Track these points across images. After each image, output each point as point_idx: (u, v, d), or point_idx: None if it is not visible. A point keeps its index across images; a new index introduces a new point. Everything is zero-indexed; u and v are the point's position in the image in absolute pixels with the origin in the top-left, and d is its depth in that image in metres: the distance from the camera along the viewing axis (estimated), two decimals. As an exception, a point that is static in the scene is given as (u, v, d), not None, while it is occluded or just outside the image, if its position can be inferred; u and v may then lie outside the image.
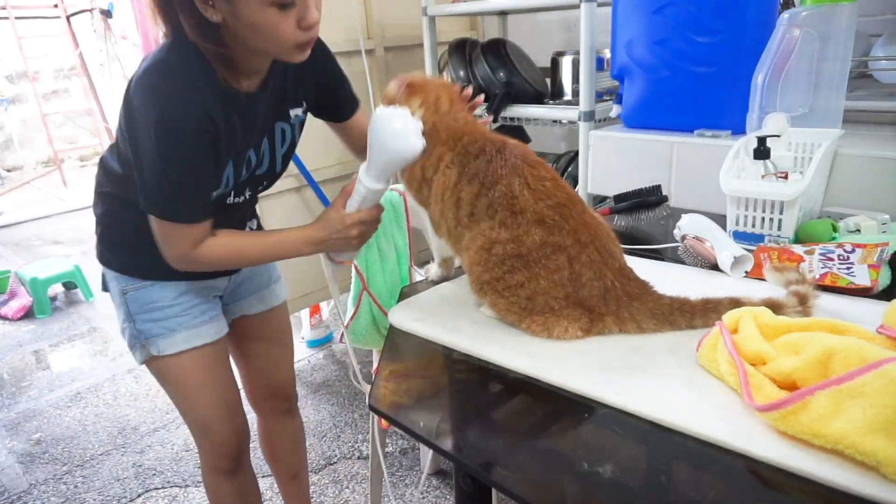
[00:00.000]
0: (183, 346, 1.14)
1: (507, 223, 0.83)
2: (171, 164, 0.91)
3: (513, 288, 0.82)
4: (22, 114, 6.47)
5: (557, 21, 2.52)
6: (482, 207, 0.86)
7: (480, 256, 0.85)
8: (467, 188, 0.87)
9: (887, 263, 0.91)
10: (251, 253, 1.06)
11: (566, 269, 0.81)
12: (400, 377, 0.80)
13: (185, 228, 0.96)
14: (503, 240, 0.83)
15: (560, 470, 0.61)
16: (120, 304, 1.14)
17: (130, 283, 1.12)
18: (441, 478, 1.86)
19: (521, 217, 0.83)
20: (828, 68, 1.22)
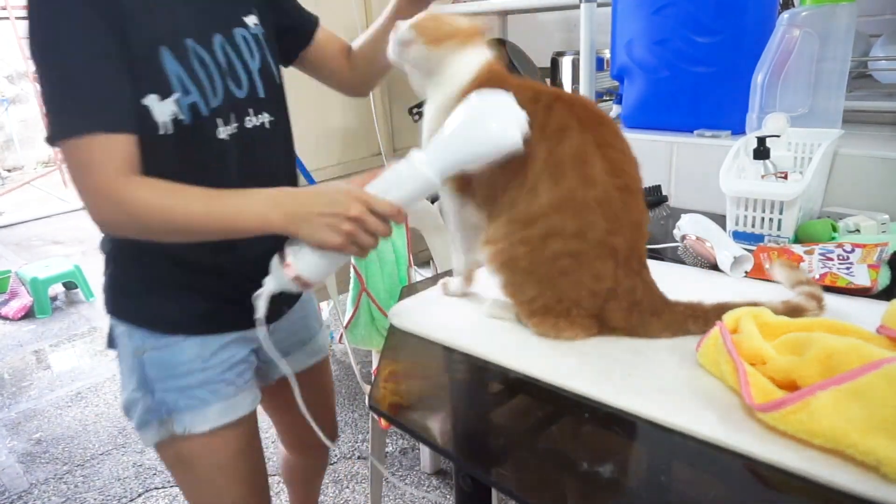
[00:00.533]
0: (216, 421, 0.89)
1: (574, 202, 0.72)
2: (54, 51, 0.70)
3: (550, 287, 0.76)
4: (22, 114, 6.48)
5: (557, 21, 2.52)
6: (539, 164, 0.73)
7: (533, 242, 0.74)
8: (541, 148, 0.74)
9: (887, 263, 0.91)
10: (193, 205, 0.75)
11: (610, 279, 0.74)
12: (400, 377, 0.80)
13: (93, 144, 0.71)
14: (568, 234, 0.72)
15: (560, 470, 0.61)
16: (132, 369, 0.88)
17: (150, 340, 0.87)
18: (441, 478, 1.86)
19: (590, 191, 0.71)
20: (827, 68, 1.22)
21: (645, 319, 0.77)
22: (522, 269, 0.77)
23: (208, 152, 0.82)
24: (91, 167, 0.72)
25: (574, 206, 0.72)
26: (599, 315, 0.78)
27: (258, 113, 0.88)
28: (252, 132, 0.87)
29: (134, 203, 0.73)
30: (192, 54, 0.79)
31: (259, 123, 0.88)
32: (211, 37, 0.82)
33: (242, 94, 0.86)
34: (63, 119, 0.72)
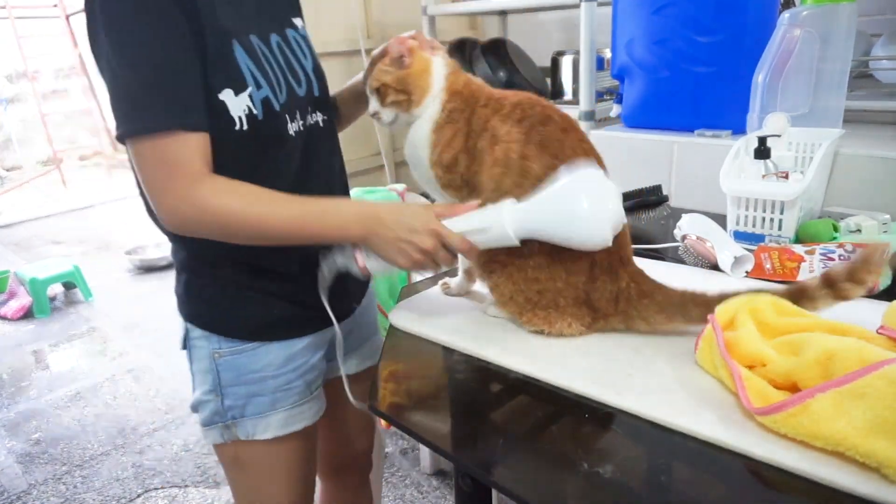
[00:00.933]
0: (279, 430, 0.90)
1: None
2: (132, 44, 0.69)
3: (529, 281, 0.81)
4: (21, 113, 6.48)
5: (557, 21, 2.52)
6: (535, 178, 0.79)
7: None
8: (537, 160, 0.79)
9: (887, 263, 0.91)
10: (278, 210, 0.75)
11: (585, 273, 0.80)
12: (400, 377, 0.80)
13: (173, 143, 0.70)
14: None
15: (560, 470, 0.60)
16: (206, 371, 0.88)
17: (226, 345, 0.87)
18: (441, 478, 1.86)
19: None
20: (828, 68, 1.22)
21: (634, 303, 0.80)
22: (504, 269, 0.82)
23: (279, 148, 0.82)
24: (173, 167, 0.71)
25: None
26: (587, 302, 0.81)
27: (314, 111, 0.90)
28: (311, 130, 0.88)
29: (216, 206, 0.72)
30: (258, 50, 0.80)
31: (315, 122, 0.90)
32: (269, 35, 0.83)
33: (302, 91, 0.87)
34: (142, 115, 0.70)
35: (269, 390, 0.88)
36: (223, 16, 0.75)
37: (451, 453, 0.66)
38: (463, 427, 0.71)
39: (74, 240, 4.60)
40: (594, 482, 0.58)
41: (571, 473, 0.60)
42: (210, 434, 0.91)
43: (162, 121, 0.70)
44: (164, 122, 0.70)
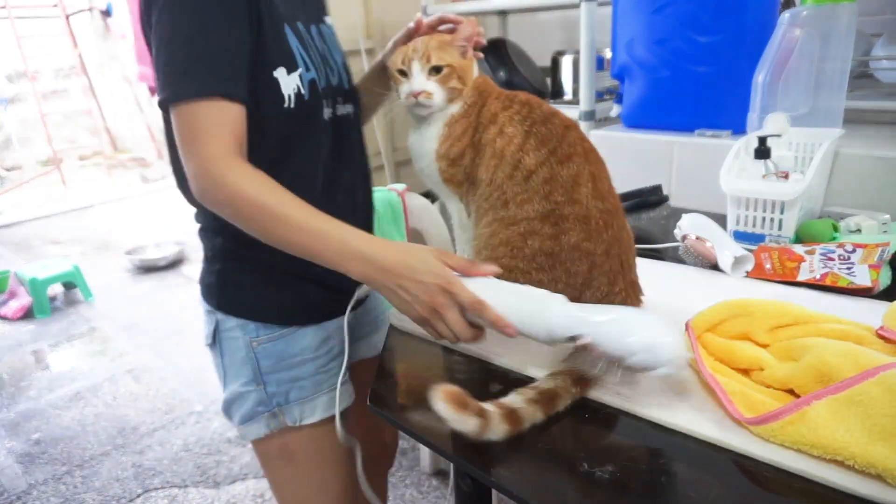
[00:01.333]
0: (325, 412, 0.90)
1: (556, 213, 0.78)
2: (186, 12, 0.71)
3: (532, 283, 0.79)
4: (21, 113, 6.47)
5: (557, 21, 2.52)
6: (539, 180, 0.78)
7: (514, 241, 0.79)
8: (533, 153, 0.79)
9: (888, 263, 0.91)
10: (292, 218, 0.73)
11: (583, 276, 0.79)
12: (400, 377, 0.80)
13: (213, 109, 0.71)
14: (545, 234, 0.78)
15: (560, 470, 0.60)
16: (244, 361, 0.88)
17: (264, 332, 0.87)
18: (441, 478, 1.86)
19: (572, 208, 0.78)
20: (828, 68, 1.22)
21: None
22: (505, 267, 0.79)
23: (314, 132, 0.85)
24: (204, 137, 0.71)
25: (554, 217, 0.78)
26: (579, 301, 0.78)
27: (346, 102, 0.92)
28: (341, 119, 0.90)
29: (234, 189, 0.71)
30: (305, 36, 0.84)
31: (345, 113, 0.91)
32: (310, 24, 0.87)
33: (336, 81, 0.89)
34: (184, 78, 0.71)
35: (309, 373, 0.89)
36: (277, 1, 0.79)
37: (451, 453, 0.66)
38: (463, 427, 0.71)
39: (74, 240, 4.60)
40: (594, 482, 0.58)
41: (571, 473, 0.60)
42: (253, 428, 0.89)
43: (203, 86, 0.71)
44: (204, 88, 0.71)
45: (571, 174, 0.78)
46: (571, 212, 0.78)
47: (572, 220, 0.78)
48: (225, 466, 1.98)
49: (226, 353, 0.89)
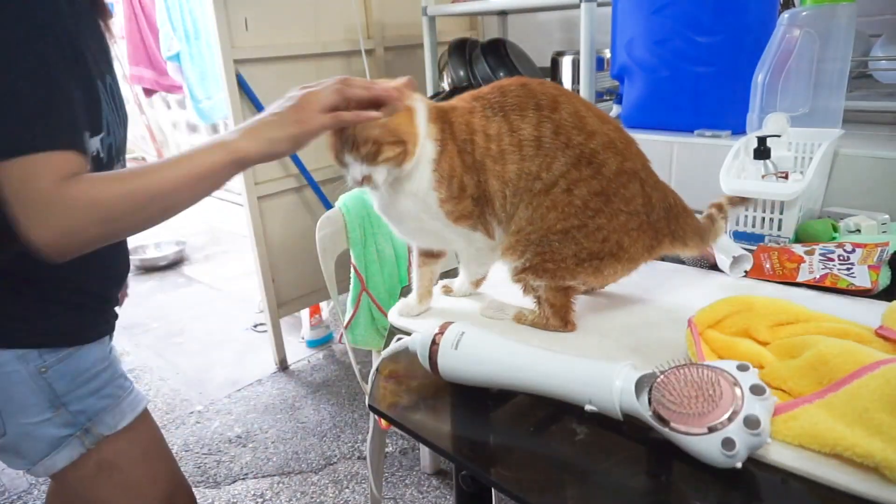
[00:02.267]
0: (131, 415, 0.92)
1: (584, 153, 0.77)
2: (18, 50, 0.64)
3: (593, 233, 0.78)
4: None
5: (557, 21, 2.52)
6: (549, 135, 0.77)
7: (560, 201, 0.77)
8: (525, 125, 0.78)
9: (887, 264, 0.91)
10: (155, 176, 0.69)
11: (640, 196, 0.79)
12: (400, 377, 0.80)
13: (43, 158, 0.64)
14: (587, 176, 0.77)
15: (560, 470, 0.61)
16: (32, 392, 0.82)
17: (50, 356, 0.83)
18: (441, 478, 1.86)
19: (594, 140, 0.77)
20: (828, 68, 1.22)
21: (681, 220, 0.83)
22: (558, 233, 0.78)
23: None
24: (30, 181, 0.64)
25: (585, 156, 0.77)
26: (649, 223, 0.80)
27: (124, 154, 0.90)
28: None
29: (82, 205, 0.66)
30: (108, 92, 0.81)
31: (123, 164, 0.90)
32: (105, 76, 0.82)
33: (121, 135, 0.87)
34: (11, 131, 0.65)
35: (106, 382, 0.89)
36: (90, 53, 0.74)
37: (451, 453, 0.66)
38: (463, 427, 0.71)
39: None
40: (594, 482, 0.58)
41: (571, 473, 0.60)
42: (64, 454, 0.85)
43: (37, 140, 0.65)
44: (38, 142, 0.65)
45: (571, 112, 0.78)
46: (596, 143, 0.78)
47: (602, 150, 0.78)
48: (225, 466, 1.99)
49: (3, 389, 0.81)
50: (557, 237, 0.78)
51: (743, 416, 0.54)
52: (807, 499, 0.54)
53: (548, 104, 0.78)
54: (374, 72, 2.48)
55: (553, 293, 0.83)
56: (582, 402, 0.63)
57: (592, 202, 0.77)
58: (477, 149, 0.79)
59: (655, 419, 0.58)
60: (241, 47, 2.13)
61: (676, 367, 0.60)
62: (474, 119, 0.80)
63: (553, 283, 0.81)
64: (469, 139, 0.80)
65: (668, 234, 0.82)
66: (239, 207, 2.57)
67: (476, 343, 0.71)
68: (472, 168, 0.80)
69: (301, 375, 2.50)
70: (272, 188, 2.32)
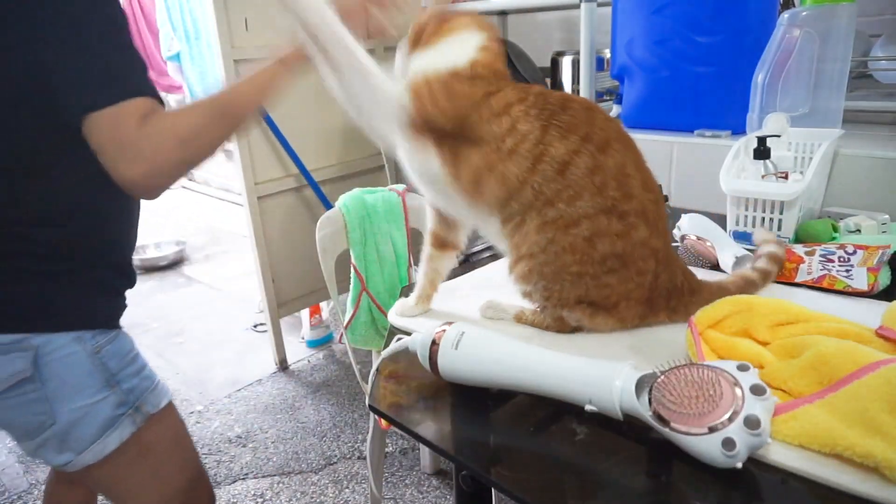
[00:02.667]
0: (167, 395, 0.97)
1: (616, 209, 0.75)
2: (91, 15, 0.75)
3: (601, 287, 0.78)
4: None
5: (557, 21, 2.52)
6: (581, 171, 0.74)
7: (581, 247, 0.76)
8: (559, 144, 0.75)
9: (887, 264, 0.91)
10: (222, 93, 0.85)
11: (651, 273, 0.79)
12: (400, 377, 0.80)
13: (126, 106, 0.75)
14: (614, 233, 0.76)
15: (560, 470, 0.61)
16: (93, 372, 0.86)
17: (101, 338, 0.87)
18: (441, 478, 1.86)
19: (630, 203, 0.76)
20: (828, 68, 1.22)
21: (685, 300, 0.82)
22: (573, 275, 0.78)
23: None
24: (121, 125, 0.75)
25: (618, 213, 0.76)
26: (648, 300, 0.81)
27: None
28: None
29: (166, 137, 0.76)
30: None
31: None
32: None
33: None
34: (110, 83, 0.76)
35: (143, 364, 0.95)
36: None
37: (451, 453, 0.66)
38: (463, 427, 0.71)
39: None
40: (594, 482, 0.58)
41: (571, 473, 0.60)
42: (115, 435, 0.88)
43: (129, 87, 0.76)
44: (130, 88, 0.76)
45: (617, 163, 0.76)
46: (630, 207, 0.76)
47: (634, 216, 0.76)
48: (225, 466, 1.99)
49: (57, 375, 0.84)
50: (570, 278, 0.79)
51: (743, 416, 0.54)
52: (807, 499, 0.54)
53: (599, 141, 0.76)
54: (374, 72, 2.48)
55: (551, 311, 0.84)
56: (582, 402, 0.63)
57: (610, 261, 0.77)
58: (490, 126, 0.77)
59: (655, 419, 0.58)
60: (241, 47, 2.13)
61: (676, 367, 0.60)
62: (514, 108, 0.77)
63: (556, 311, 0.83)
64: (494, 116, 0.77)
65: (664, 309, 0.82)
66: (239, 207, 2.57)
67: (476, 343, 0.71)
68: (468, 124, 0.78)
69: (301, 375, 2.50)
70: (272, 188, 2.32)
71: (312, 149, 2.39)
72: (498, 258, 1.11)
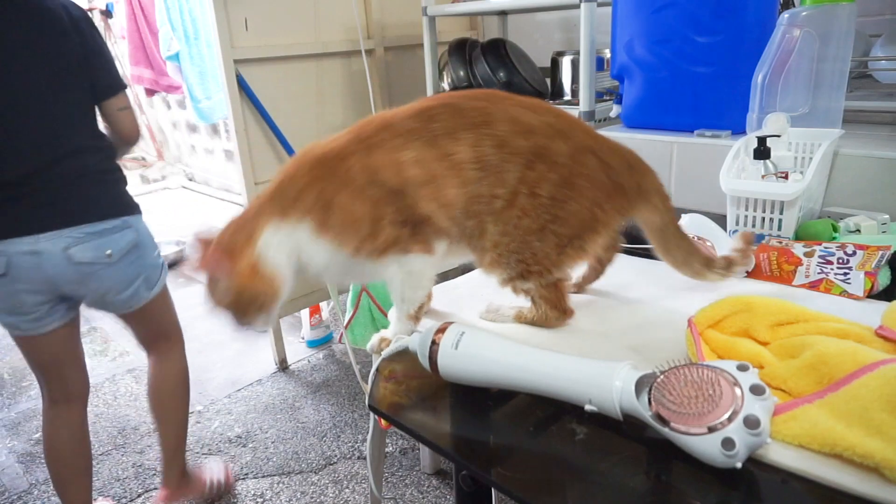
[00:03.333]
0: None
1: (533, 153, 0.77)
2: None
3: (568, 219, 0.79)
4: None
5: (557, 21, 2.52)
6: (491, 150, 0.76)
7: (529, 206, 0.77)
8: (460, 147, 0.76)
9: (887, 264, 0.91)
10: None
11: (598, 167, 0.79)
12: (400, 377, 0.80)
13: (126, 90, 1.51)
14: (543, 172, 0.77)
15: (560, 470, 0.61)
16: (151, 238, 1.54)
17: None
18: (441, 478, 1.86)
19: (537, 135, 0.77)
20: (828, 68, 1.22)
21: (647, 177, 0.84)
22: (535, 232, 0.79)
23: None
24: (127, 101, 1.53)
25: (535, 154, 0.77)
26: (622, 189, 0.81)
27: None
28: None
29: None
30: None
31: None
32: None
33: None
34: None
35: None
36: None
37: (451, 453, 0.66)
38: (463, 427, 0.71)
39: (75, 240, 4.59)
40: (594, 482, 0.58)
41: (571, 473, 0.60)
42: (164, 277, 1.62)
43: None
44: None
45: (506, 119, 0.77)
46: (540, 137, 0.77)
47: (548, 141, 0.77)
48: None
49: (143, 240, 1.50)
50: (535, 236, 0.79)
51: (743, 416, 0.54)
52: (807, 499, 0.54)
53: (481, 120, 0.77)
54: (374, 72, 2.48)
55: (545, 290, 0.83)
56: (582, 402, 0.63)
57: (559, 193, 0.78)
58: (388, 181, 0.76)
59: (655, 419, 0.58)
60: (241, 47, 2.13)
61: (676, 367, 0.60)
62: (374, 157, 0.76)
63: (542, 281, 0.82)
64: (371, 179, 0.76)
65: (634, 188, 0.82)
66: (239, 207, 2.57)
67: (476, 343, 0.71)
68: (387, 198, 0.77)
69: (301, 375, 2.50)
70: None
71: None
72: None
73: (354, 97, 2.47)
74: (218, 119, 3.61)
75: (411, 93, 2.48)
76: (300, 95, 2.33)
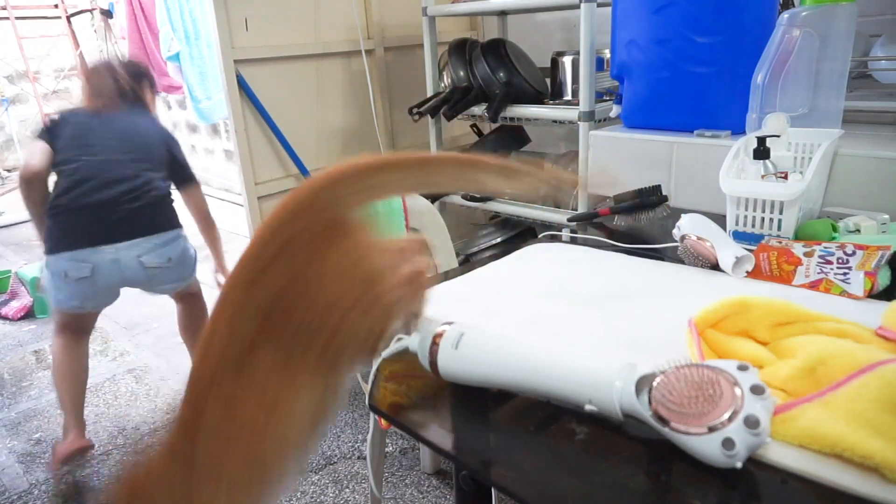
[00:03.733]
0: None
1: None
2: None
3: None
4: (22, 114, 6.48)
5: (557, 21, 2.52)
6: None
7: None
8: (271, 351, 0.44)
9: (887, 264, 0.91)
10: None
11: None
12: (400, 377, 0.80)
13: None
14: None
15: (560, 470, 0.61)
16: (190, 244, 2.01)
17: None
18: (441, 478, 1.86)
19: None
20: (828, 68, 1.22)
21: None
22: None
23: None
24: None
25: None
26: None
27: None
28: None
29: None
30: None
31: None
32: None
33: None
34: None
35: None
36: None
37: (451, 453, 0.66)
38: (463, 427, 0.71)
39: (75, 240, 4.59)
40: (594, 482, 0.58)
41: (571, 473, 0.60)
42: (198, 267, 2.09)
43: None
44: None
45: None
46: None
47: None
48: (225, 466, 1.99)
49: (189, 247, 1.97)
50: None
51: (743, 415, 0.54)
52: (807, 499, 0.54)
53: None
54: (374, 72, 2.48)
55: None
56: (582, 403, 0.63)
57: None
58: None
59: (655, 419, 0.58)
60: (241, 47, 2.13)
61: (676, 367, 0.60)
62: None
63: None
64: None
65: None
66: (239, 207, 2.57)
67: (476, 343, 0.71)
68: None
69: (301, 375, 2.50)
70: (272, 188, 2.32)
71: (312, 149, 2.39)
72: (498, 258, 1.11)
73: (354, 97, 2.47)
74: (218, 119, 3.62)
75: (411, 93, 2.48)
76: (300, 95, 2.33)
